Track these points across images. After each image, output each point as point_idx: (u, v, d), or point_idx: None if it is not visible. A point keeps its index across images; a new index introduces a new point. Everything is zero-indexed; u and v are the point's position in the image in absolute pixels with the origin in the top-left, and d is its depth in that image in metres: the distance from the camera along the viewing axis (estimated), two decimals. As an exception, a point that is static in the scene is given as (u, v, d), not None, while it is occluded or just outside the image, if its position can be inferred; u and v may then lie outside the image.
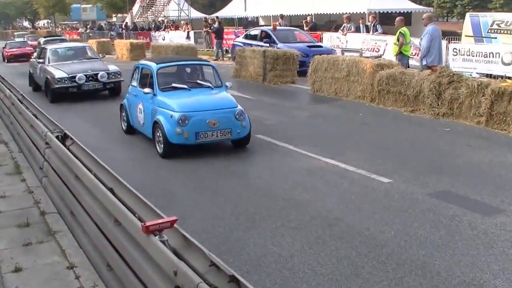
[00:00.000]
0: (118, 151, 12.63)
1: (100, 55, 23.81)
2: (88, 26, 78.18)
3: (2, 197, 9.41)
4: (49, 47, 22.98)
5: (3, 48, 44.29)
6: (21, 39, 52.54)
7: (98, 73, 20.19)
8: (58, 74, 19.84)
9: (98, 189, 6.64)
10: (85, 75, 19.92)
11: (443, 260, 6.82)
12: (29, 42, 48.03)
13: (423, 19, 17.55)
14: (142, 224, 5.04)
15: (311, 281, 6.46)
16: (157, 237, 4.97)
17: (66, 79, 19.70)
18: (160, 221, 5.07)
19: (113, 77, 20.57)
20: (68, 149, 8.56)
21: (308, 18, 33.67)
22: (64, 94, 19.73)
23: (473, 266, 6.66)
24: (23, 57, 39.12)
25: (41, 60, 21.70)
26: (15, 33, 75.84)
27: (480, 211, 8.41)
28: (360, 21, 28.81)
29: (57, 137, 9.19)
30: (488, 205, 8.68)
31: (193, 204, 9.11)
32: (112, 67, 21.14)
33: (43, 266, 6.90)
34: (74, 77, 19.75)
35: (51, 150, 9.29)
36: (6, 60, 42.05)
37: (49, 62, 21.10)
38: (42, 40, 37.80)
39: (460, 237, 7.52)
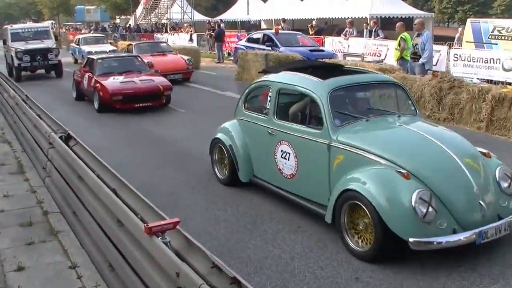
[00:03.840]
0: (122, 152, 12.64)
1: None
2: (91, 28, 78.19)
3: (5, 196, 9.45)
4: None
5: None
6: None
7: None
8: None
9: (101, 190, 6.67)
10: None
11: (443, 264, 6.82)
12: None
13: (415, 25, 17.57)
14: (145, 225, 5.07)
15: (311, 284, 6.48)
16: (159, 238, 5.00)
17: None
18: (162, 222, 5.12)
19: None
20: (72, 149, 8.60)
21: (314, 23, 33.67)
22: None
23: (473, 270, 6.65)
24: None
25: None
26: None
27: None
28: (364, 25, 28.82)
29: (60, 137, 9.24)
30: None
31: (195, 206, 9.14)
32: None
33: (46, 265, 6.94)
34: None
35: (54, 150, 9.33)
36: None
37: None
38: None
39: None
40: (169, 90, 18.27)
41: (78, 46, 36.28)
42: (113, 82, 18.06)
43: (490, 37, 22.77)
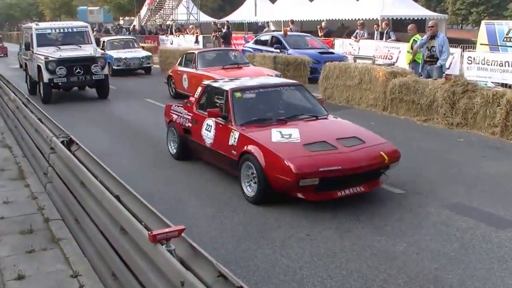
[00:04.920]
0: (125, 158, 12.47)
1: None
2: (94, 29, 78.26)
3: (5, 203, 9.31)
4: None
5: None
6: None
7: None
8: None
9: (104, 196, 6.55)
10: None
11: (455, 274, 6.69)
12: None
13: (431, 27, 17.30)
14: (149, 232, 4.95)
15: (320, 294, 6.33)
16: (164, 246, 4.89)
17: None
18: (167, 230, 5.00)
19: None
20: (74, 154, 8.47)
21: (323, 24, 33.48)
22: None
23: (487, 280, 6.53)
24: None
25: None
26: None
27: (495, 224, 8.23)
28: (375, 27, 28.66)
29: (62, 142, 9.12)
30: (503, 218, 8.49)
31: (201, 213, 8.99)
32: None
33: (47, 274, 6.80)
34: None
35: (56, 155, 9.20)
36: None
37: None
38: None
39: (474, 250, 7.36)
40: (396, 159, 9.70)
41: (102, 51, 26.51)
42: (294, 148, 9.19)
43: (505, 39, 22.49)
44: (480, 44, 23.56)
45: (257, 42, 29.15)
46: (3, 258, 7.20)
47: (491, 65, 20.50)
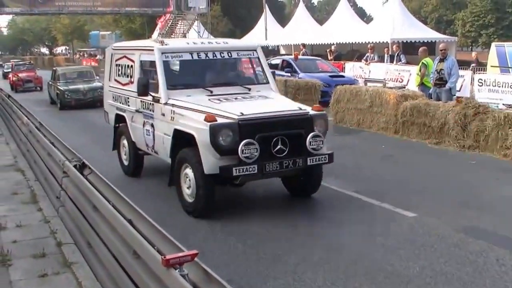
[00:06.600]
0: (137, 182, 12.47)
1: None
2: (108, 53, 78.61)
3: (18, 226, 9.27)
4: None
5: None
6: None
7: None
8: None
9: (116, 220, 6.54)
10: None
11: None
12: None
13: (443, 50, 17.34)
14: (162, 257, 4.93)
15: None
16: (177, 271, 4.86)
17: None
18: (180, 254, 4.97)
19: None
20: (86, 178, 8.47)
21: (333, 48, 33.55)
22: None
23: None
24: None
25: None
26: None
27: (509, 247, 8.14)
28: (385, 50, 28.70)
29: (75, 166, 9.11)
30: (517, 241, 8.42)
31: (214, 237, 8.95)
32: None
33: (59, 299, 6.74)
34: None
35: (68, 179, 9.20)
36: None
37: None
38: None
39: (488, 274, 7.29)
40: None
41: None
42: None
43: (515, 61, 22.50)
44: (491, 66, 23.53)
45: (268, 66, 29.13)
46: (16, 282, 7.16)
47: (502, 87, 20.47)
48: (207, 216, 9.81)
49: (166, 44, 11.24)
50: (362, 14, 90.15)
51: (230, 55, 11.56)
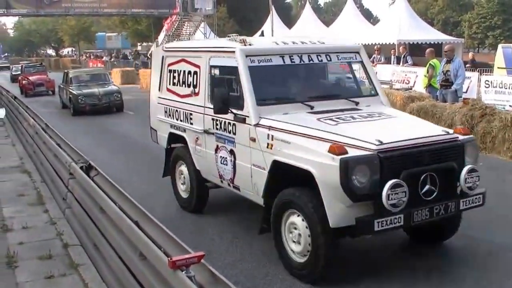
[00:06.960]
0: (144, 183, 12.44)
1: None
2: (112, 55, 78.84)
3: (24, 228, 9.30)
4: None
5: None
6: None
7: None
8: None
9: (123, 222, 6.53)
10: None
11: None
12: None
13: (447, 51, 17.29)
14: (169, 259, 4.92)
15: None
16: (183, 272, 4.84)
17: None
18: (187, 256, 4.96)
19: None
20: (93, 180, 8.47)
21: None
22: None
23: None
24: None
25: None
26: None
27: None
28: (392, 52, 28.61)
29: (81, 167, 9.13)
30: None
31: (220, 238, 8.95)
32: None
33: (65, 300, 6.72)
34: None
35: (75, 181, 9.22)
36: None
37: None
38: None
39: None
40: None
41: None
42: None
43: (522, 62, 22.38)
44: (498, 67, 23.41)
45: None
46: (22, 284, 7.17)
47: (509, 88, 20.31)
48: (212, 217, 9.81)
49: (250, 44, 8.56)
50: (369, 16, 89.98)
51: (329, 58, 8.99)
